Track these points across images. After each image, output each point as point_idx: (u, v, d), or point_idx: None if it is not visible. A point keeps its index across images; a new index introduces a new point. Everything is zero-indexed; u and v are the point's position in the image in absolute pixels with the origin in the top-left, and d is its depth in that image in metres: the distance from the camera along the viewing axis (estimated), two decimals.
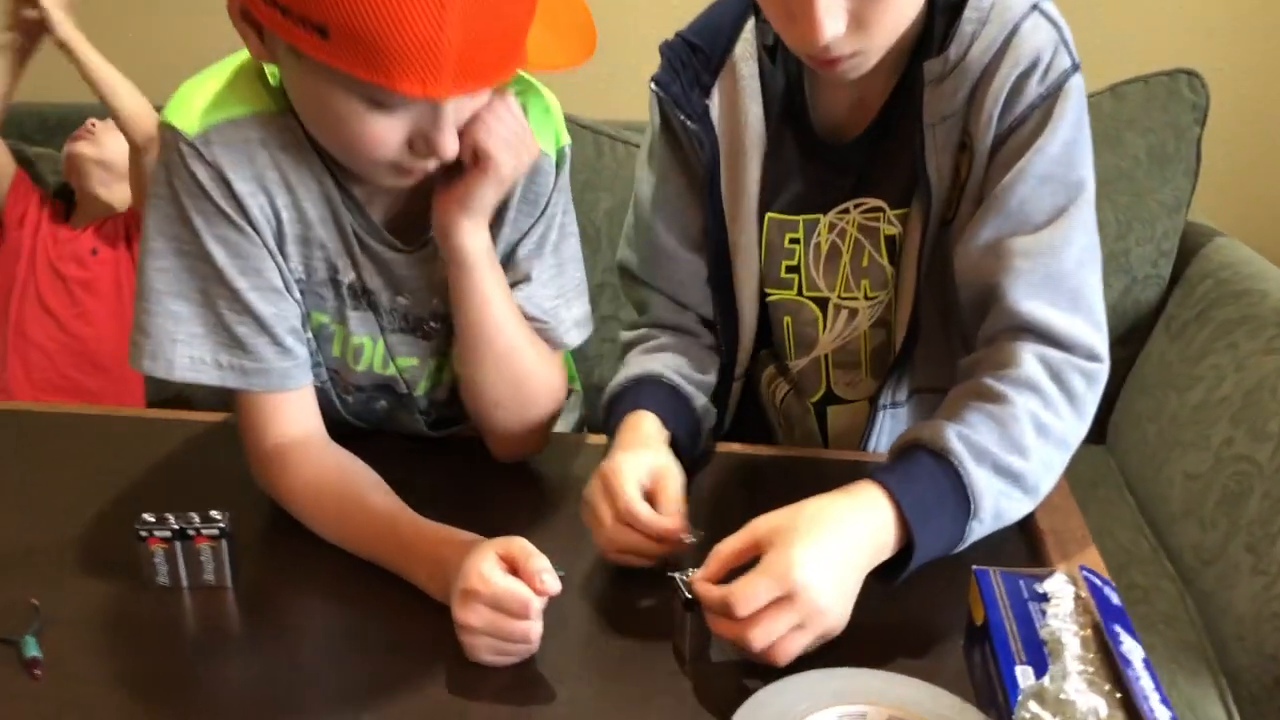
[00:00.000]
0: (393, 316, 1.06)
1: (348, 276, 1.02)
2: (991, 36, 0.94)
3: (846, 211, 1.07)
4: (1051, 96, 0.94)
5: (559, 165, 1.03)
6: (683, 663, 0.81)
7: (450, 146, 0.87)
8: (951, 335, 1.06)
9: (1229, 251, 1.71)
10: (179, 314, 0.95)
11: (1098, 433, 1.76)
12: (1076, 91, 0.94)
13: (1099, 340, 0.93)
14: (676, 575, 0.82)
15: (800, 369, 1.16)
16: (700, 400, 1.08)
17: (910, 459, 0.87)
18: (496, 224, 1.01)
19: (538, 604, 0.78)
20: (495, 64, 0.84)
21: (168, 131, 0.93)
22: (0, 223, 1.96)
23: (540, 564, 0.79)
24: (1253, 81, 1.97)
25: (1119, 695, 0.70)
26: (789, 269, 1.11)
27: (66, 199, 1.99)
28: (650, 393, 1.03)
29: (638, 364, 1.08)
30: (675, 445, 0.98)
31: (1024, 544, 0.97)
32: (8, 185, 1.96)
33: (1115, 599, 0.77)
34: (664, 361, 1.08)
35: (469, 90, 0.83)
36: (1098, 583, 0.78)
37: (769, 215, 1.09)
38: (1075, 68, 0.95)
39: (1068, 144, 0.94)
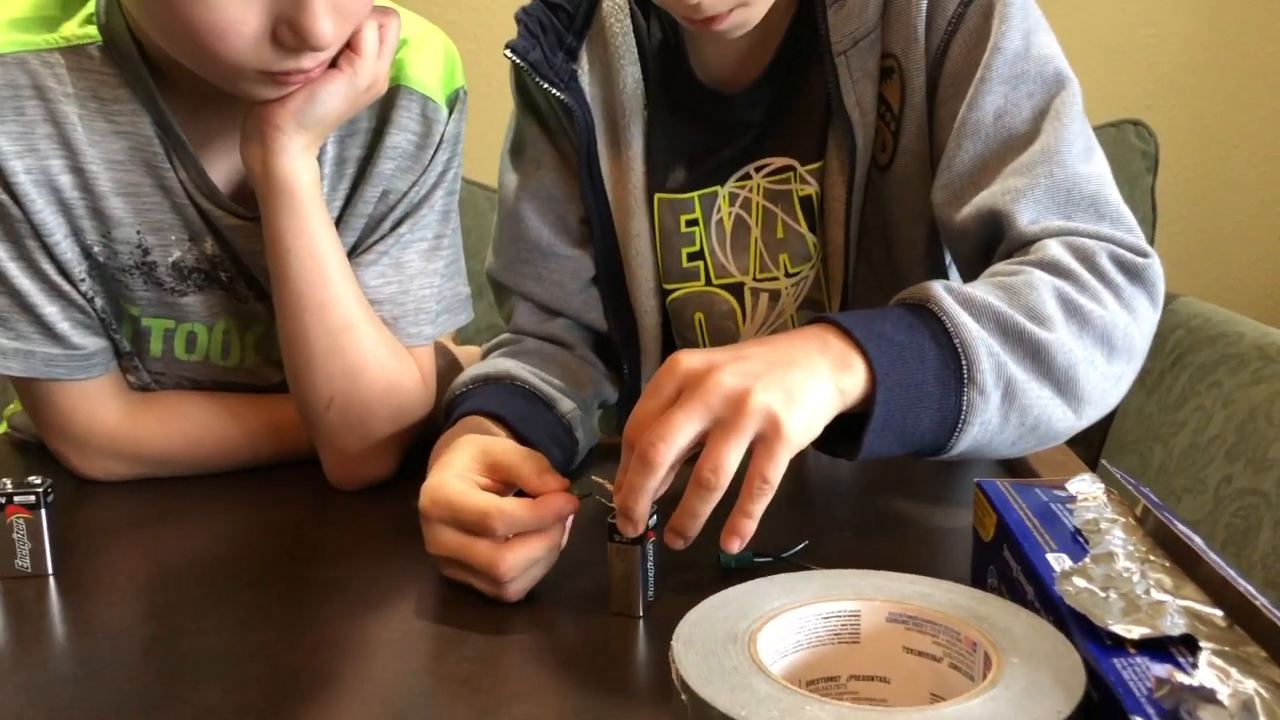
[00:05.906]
0: (251, 283, 0.90)
1: (172, 254, 0.86)
2: None
3: (749, 177, 0.92)
4: None
5: (451, 112, 0.90)
6: (632, 606, 0.64)
7: (323, 29, 0.71)
8: None
9: (1194, 306, 1.62)
10: None
11: None
12: None
13: (1139, 239, 0.76)
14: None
15: None
16: (566, 405, 0.86)
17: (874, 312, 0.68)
18: (362, 178, 0.88)
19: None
20: None
21: None
22: None
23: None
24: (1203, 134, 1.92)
25: (1183, 570, 0.54)
26: (691, 257, 0.94)
27: None
28: (491, 395, 0.82)
29: (485, 365, 0.88)
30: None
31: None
32: None
33: (1157, 499, 0.62)
34: (522, 364, 0.88)
35: None
36: (1134, 482, 0.63)
37: (658, 196, 0.93)
38: None
39: (1027, 34, 0.79)
